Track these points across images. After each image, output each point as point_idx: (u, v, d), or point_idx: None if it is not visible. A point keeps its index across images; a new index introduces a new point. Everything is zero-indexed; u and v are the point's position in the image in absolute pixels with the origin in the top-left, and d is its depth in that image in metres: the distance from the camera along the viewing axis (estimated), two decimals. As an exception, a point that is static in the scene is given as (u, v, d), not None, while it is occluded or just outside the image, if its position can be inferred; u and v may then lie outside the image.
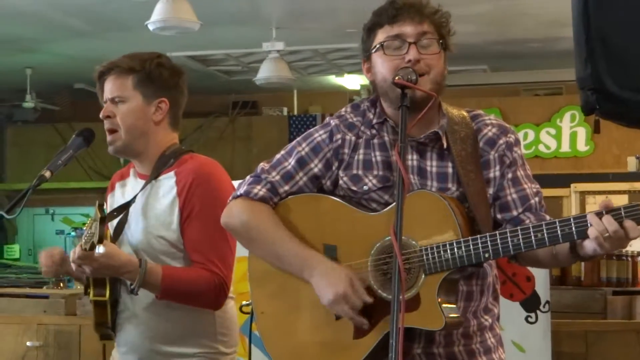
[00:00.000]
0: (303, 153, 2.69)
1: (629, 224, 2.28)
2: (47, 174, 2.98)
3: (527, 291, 4.60)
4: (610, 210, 2.30)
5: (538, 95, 11.96)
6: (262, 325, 2.73)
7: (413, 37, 2.57)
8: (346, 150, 2.66)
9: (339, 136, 2.67)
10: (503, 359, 2.71)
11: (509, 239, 2.38)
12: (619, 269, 5.27)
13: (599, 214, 2.30)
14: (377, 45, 2.61)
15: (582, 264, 5.19)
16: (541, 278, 4.62)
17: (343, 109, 2.75)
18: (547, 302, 4.60)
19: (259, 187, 2.69)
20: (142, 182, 3.13)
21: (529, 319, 4.58)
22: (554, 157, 11.23)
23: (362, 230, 2.54)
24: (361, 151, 2.65)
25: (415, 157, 2.61)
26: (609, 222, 2.28)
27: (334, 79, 12.15)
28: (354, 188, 2.62)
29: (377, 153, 2.63)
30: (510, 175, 2.62)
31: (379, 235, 2.49)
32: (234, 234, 2.76)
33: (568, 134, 11.25)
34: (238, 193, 2.71)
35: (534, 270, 4.56)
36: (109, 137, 3.10)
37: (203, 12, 7.65)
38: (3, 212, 3.01)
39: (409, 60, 2.54)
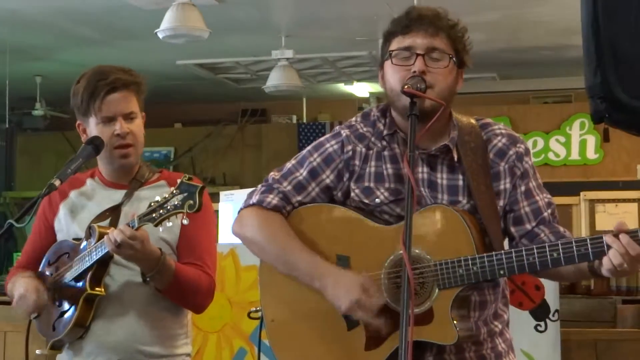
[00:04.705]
0: (315, 164, 2.69)
1: None
2: (57, 182, 2.99)
3: (537, 300, 4.58)
4: (627, 232, 2.27)
5: (547, 103, 11.94)
6: (272, 333, 2.73)
7: (422, 49, 2.55)
8: (357, 162, 2.65)
9: (349, 147, 2.67)
10: None
11: (525, 257, 2.37)
12: (628, 278, 5.27)
13: (616, 237, 2.27)
14: (388, 54, 2.60)
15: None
16: (551, 287, 4.60)
17: (353, 119, 2.74)
18: (557, 310, 4.59)
19: (271, 196, 2.69)
20: (116, 190, 3.15)
21: (539, 328, 4.57)
22: (563, 165, 11.20)
23: (376, 242, 2.54)
24: (372, 163, 2.64)
25: (425, 169, 2.60)
26: (630, 246, 2.25)
27: (343, 87, 12.14)
28: (365, 201, 2.62)
29: (388, 165, 2.62)
30: (523, 188, 2.61)
31: (393, 247, 2.49)
32: (246, 242, 2.75)
33: (577, 142, 11.22)
34: (251, 202, 2.72)
35: (543, 279, 4.55)
36: (124, 151, 3.10)
37: (212, 20, 7.66)
38: (12, 221, 3.01)
39: (414, 72, 2.53)
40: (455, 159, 2.59)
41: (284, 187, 2.70)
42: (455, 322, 2.41)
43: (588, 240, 2.32)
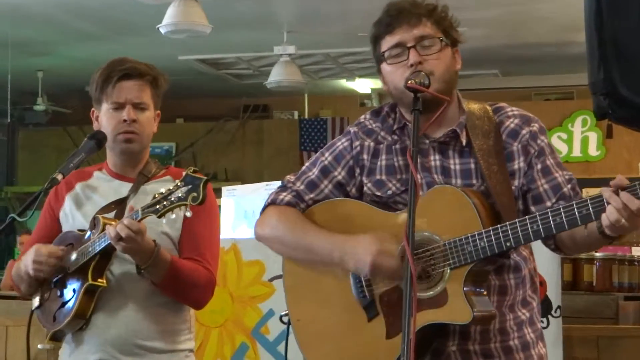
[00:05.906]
0: (326, 162, 2.75)
1: None
2: (59, 176, 3.00)
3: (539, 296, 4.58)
4: (625, 187, 2.27)
5: (549, 99, 11.92)
6: (299, 332, 2.77)
7: (412, 41, 2.58)
8: (365, 156, 2.70)
9: (357, 143, 2.72)
10: (543, 353, 2.68)
11: (529, 225, 2.37)
12: (630, 274, 5.26)
13: (615, 192, 2.27)
14: (381, 57, 2.63)
15: (594, 269, 5.18)
16: (553, 283, 4.59)
17: (362, 116, 2.79)
18: (559, 307, 4.58)
19: (284, 194, 2.75)
20: (123, 182, 3.17)
21: (541, 324, 4.56)
22: (565, 162, 11.08)
23: (389, 229, 2.55)
24: (383, 157, 2.68)
25: (437, 157, 2.63)
26: (628, 200, 2.24)
27: (345, 83, 12.14)
28: (378, 193, 2.66)
29: (400, 158, 2.66)
30: (539, 166, 2.61)
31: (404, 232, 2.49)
32: (267, 242, 2.79)
33: (579, 138, 11.21)
34: (265, 203, 2.78)
35: (545, 275, 4.54)
36: (128, 135, 3.11)
37: (214, 16, 7.65)
38: (15, 215, 3.02)
39: (411, 65, 2.56)
40: (464, 142, 2.60)
41: (297, 187, 2.75)
42: (468, 300, 2.41)
43: (589, 200, 2.32)
